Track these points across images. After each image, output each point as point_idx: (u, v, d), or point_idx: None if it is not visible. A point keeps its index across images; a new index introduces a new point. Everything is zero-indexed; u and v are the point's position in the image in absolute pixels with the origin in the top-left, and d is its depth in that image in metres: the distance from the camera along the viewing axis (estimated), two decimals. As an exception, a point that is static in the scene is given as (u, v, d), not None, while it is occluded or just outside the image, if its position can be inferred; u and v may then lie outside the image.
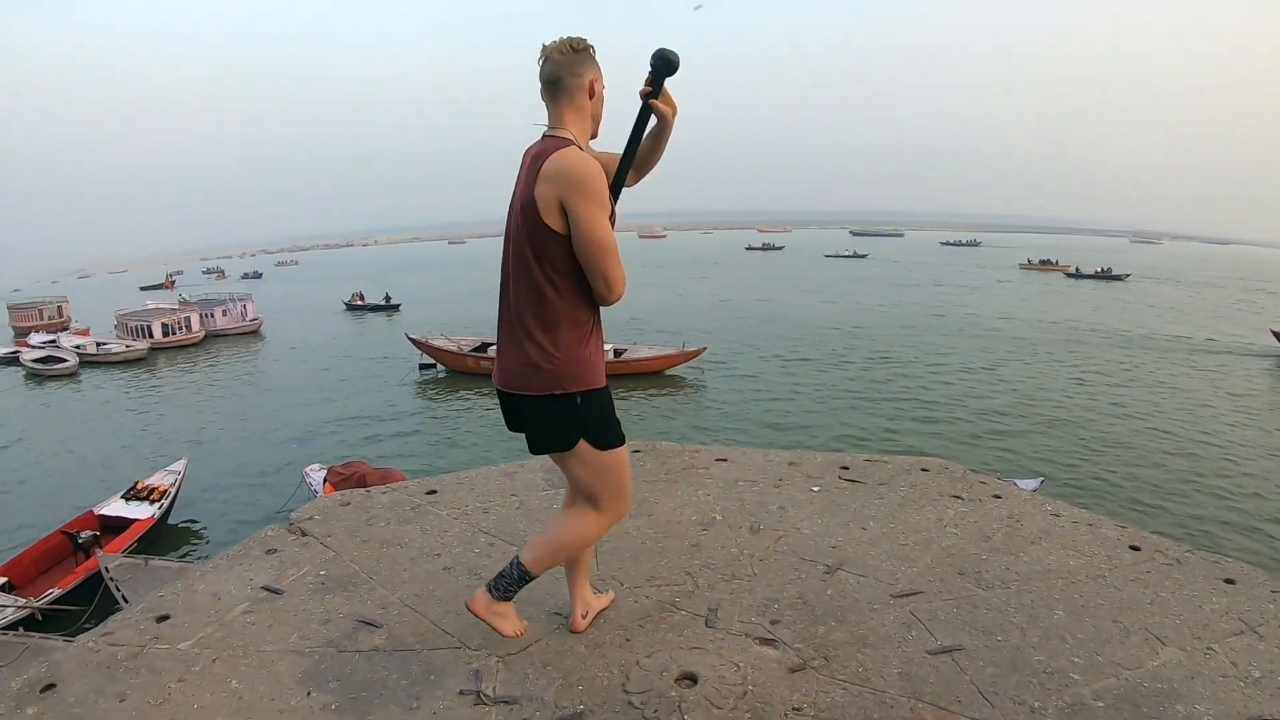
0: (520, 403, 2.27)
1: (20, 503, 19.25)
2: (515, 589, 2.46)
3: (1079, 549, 3.07)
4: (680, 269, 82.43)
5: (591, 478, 2.34)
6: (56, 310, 62.12)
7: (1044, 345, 32.13)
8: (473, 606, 2.47)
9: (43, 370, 37.17)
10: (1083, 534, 3.21)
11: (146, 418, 27.17)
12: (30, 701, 2.35)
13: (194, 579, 3.18)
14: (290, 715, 2.24)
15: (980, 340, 33.51)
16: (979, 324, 38.49)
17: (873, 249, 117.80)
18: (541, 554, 2.41)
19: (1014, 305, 46.69)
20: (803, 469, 4.05)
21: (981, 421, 21.03)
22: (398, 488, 4.12)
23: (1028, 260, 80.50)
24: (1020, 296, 52.31)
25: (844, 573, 2.93)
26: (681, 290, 57.52)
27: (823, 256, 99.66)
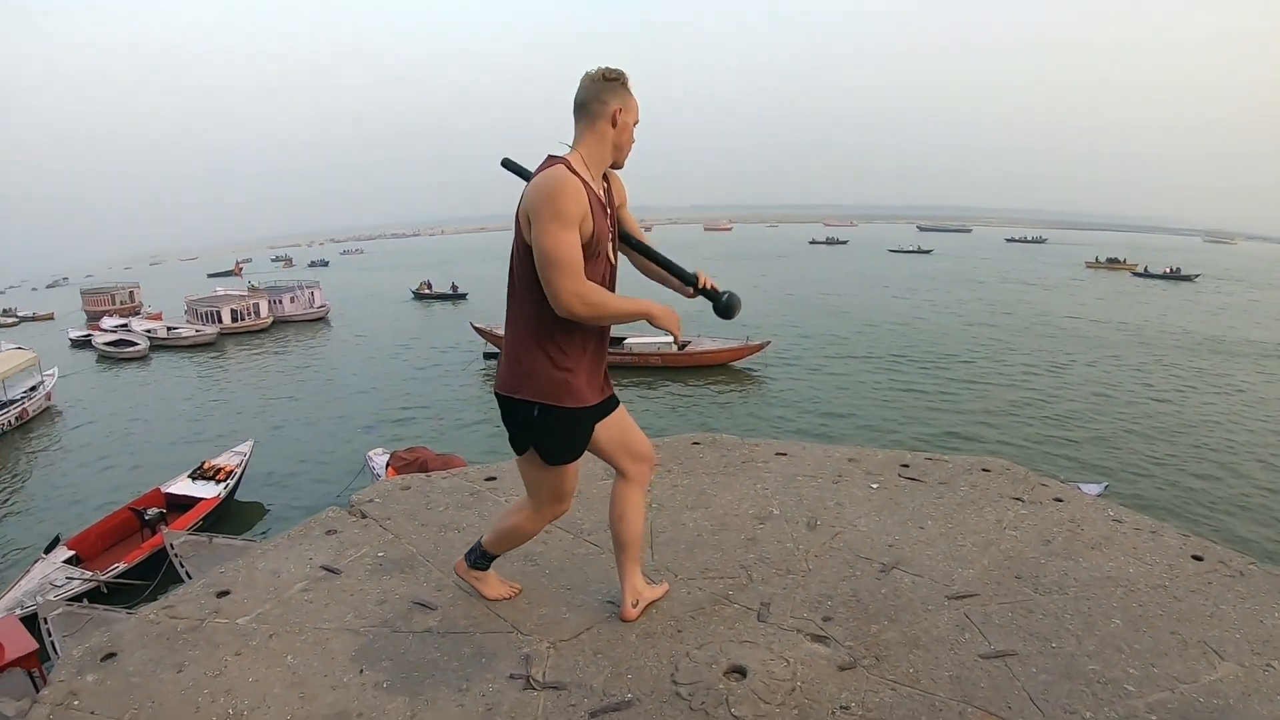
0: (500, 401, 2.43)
1: (90, 480, 19.94)
2: (484, 562, 2.76)
3: (1140, 557, 2.98)
4: (745, 262, 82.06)
5: (531, 480, 2.54)
6: (128, 295, 64.11)
7: (1111, 346, 31.11)
8: (457, 569, 2.83)
9: (114, 353, 38.36)
10: (1144, 541, 3.12)
11: (214, 400, 27.90)
12: (91, 669, 2.44)
13: (255, 557, 3.26)
14: (343, 692, 2.29)
15: (1046, 339, 32.59)
16: (1046, 323, 37.43)
17: (938, 245, 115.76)
18: (492, 536, 2.70)
19: (1080, 304, 45.34)
20: (863, 466, 4.00)
21: (1046, 423, 20.49)
22: (458, 473, 4.16)
23: (1095, 259, 78.32)
24: (1087, 296, 50.76)
25: (899, 572, 2.89)
26: (746, 283, 57.27)
27: (886, 251, 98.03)
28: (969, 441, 18.65)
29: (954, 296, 48.72)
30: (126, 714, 2.21)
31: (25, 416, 25.81)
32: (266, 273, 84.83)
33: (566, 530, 3.34)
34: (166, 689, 2.33)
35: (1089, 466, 16.82)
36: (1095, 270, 73.03)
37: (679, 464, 4.07)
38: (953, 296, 48.69)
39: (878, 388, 24.57)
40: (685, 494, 3.67)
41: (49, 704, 2.29)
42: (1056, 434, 19.52)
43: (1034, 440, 18.93)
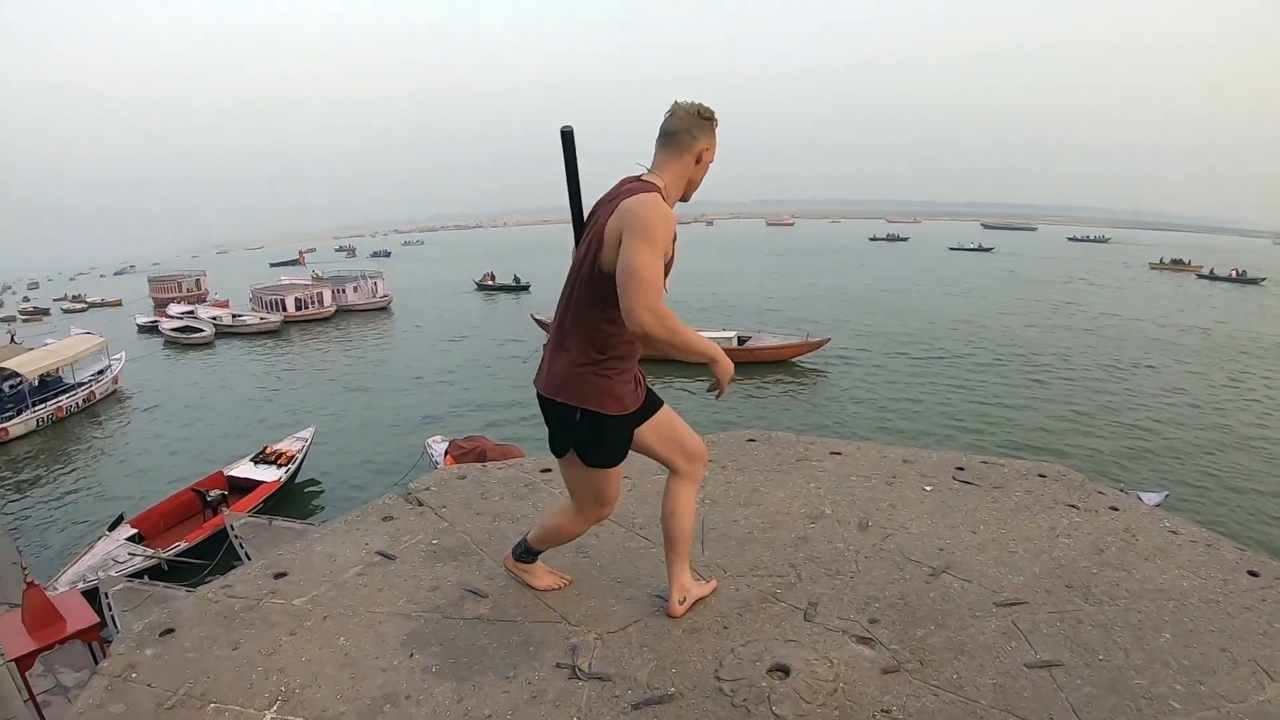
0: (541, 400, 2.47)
1: (154, 461, 20.53)
2: (529, 556, 2.83)
3: (1194, 570, 2.91)
4: (805, 258, 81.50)
5: (573, 483, 2.58)
6: (195, 283, 65.85)
7: (1175, 350, 30.06)
8: (505, 563, 2.92)
9: (180, 339, 39.41)
10: (1200, 554, 3.04)
11: (277, 386, 28.51)
12: (150, 644, 2.56)
13: (313, 540, 3.36)
14: (392, 674, 2.36)
15: (1110, 341, 31.56)
16: (1109, 324, 36.26)
17: (1002, 243, 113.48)
18: (538, 534, 2.77)
19: (1144, 306, 43.81)
20: (917, 467, 3.97)
21: (1107, 427, 19.92)
22: (514, 464, 4.22)
23: (1159, 259, 76.07)
24: (1151, 297, 49.14)
25: (949, 576, 2.87)
26: (805, 279, 56.79)
27: (947, 249, 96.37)
28: (1027, 445, 18.25)
29: (1015, 296, 47.55)
30: (182, 688, 2.30)
31: (93, 399, 26.65)
32: (329, 263, 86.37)
33: (619, 524, 3.38)
34: (221, 665, 2.42)
35: (1150, 474, 16.37)
36: (1159, 271, 70.92)
37: (733, 461, 4.08)
38: (1014, 296, 47.53)
39: (937, 388, 24.12)
40: (738, 491, 3.67)
41: (108, 675, 2.39)
42: (1117, 439, 18.98)
43: (1094, 445, 18.43)
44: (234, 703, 2.24)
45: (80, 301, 72.37)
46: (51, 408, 24.67)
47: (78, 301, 72.33)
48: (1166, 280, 62.61)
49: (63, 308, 69.20)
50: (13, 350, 26.34)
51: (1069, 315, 39.34)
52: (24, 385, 24.11)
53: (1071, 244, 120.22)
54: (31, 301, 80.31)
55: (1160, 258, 76.66)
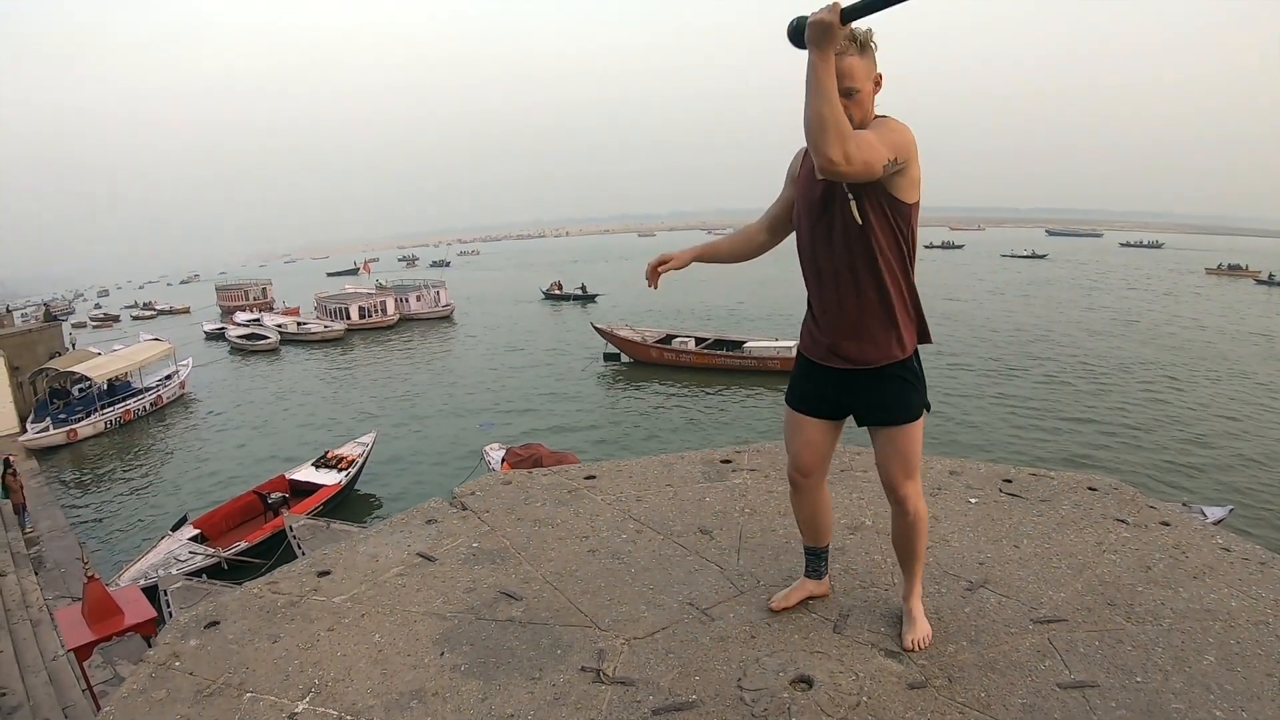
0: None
1: (219, 464, 21.12)
2: None
3: (1245, 589, 2.78)
4: None
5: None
6: (261, 291, 67.68)
7: (1236, 360, 29.01)
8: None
9: (246, 346, 40.52)
10: (1251, 573, 2.90)
11: (340, 393, 29.15)
12: (194, 634, 2.67)
13: (357, 541, 3.46)
14: (422, 671, 2.42)
15: (1167, 351, 30.67)
16: (1166, 333, 35.08)
17: (1065, 249, 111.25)
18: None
19: (1202, 313, 42.41)
20: (963, 478, 3.89)
21: (1167, 439, 19.35)
22: (559, 471, 4.25)
23: (1218, 265, 73.46)
24: (1208, 304, 47.29)
25: (986, 591, 2.80)
26: None
27: (999, 256, 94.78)
28: (1085, 456, 17.73)
29: (1068, 304, 46.53)
30: (221, 677, 2.40)
31: (160, 403, 27.54)
32: (391, 272, 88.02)
33: (657, 530, 3.38)
34: (261, 656, 2.51)
35: (1214, 488, 15.77)
36: (1217, 277, 68.58)
37: (776, 470, 4.03)
38: (1067, 304, 46.52)
39: (990, 398, 23.63)
40: (779, 499, 3.63)
41: (153, 663, 2.51)
42: (1178, 452, 18.40)
43: (1153, 458, 17.88)
44: (269, 693, 2.32)
45: (150, 309, 74.70)
46: (119, 410, 25.54)
47: (147, 309, 74.69)
48: (1224, 286, 60.54)
49: (132, 315, 71.62)
50: (82, 355, 27.32)
51: (1126, 323, 38.35)
52: (93, 389, 24.94)
53: (1124, 250, 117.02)
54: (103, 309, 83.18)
55: (1219, 264, 74.16)
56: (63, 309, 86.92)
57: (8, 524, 15.29)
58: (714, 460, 4.21)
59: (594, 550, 3.22)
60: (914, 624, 2.46)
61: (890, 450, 2.35)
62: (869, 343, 2.27)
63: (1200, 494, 14.98)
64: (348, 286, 59.74)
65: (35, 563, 14.10)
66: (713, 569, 3.01)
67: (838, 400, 2.40)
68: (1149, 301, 48.70)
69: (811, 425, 2.45)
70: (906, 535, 2.46)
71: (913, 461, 2.37)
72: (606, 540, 3.31)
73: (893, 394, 2.31)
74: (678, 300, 46.10)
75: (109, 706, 2.31)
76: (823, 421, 2.45)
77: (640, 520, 3.50)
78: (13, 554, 13.91)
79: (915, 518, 2.41)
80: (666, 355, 28.98)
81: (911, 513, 2.40)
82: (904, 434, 2.33)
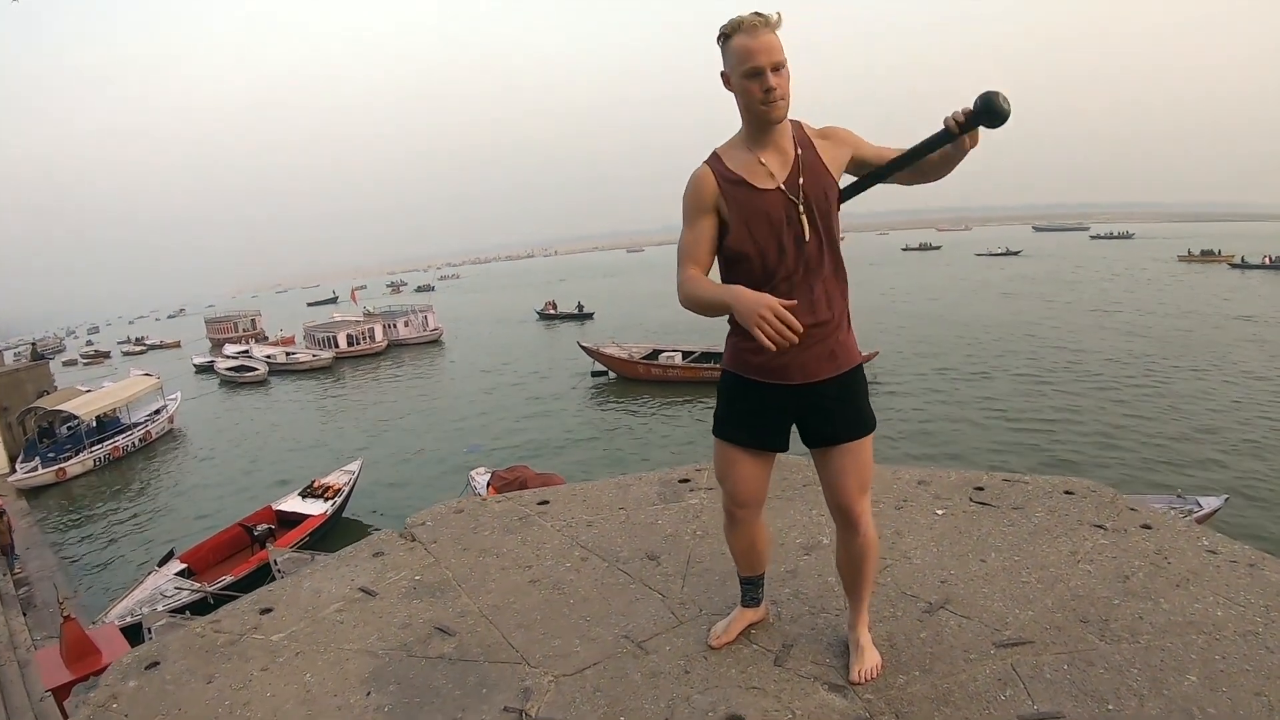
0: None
1: (207, 498, 21.00)
2: None
3: (1232, 596, 2.56)
4: None
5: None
6: (250, 323, 67.94)
7: (1220, 346, 28.68)
8: None
9: (235, 378, 40.53)
10: (1240, 577, 2.68)
11: (328, 421, 29.04)
12: (134, 675, 2.61)
13: (304, 576, 3.35)
14: (346, 712, 2.32)
15: (1147, 342, 30.34)
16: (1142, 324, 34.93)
17: (1040, 245, 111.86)
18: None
19: (1175, 300, 42.30)
20: (932, 488, 3.67)
21: (1158, 431, 19.03)
22: (513, 497, 4.10)
23: (1187, 251, 73.54)
24: (1182, 291, 47.13)
25: (946, 612, 2.59)
26: None
27: (974, 256, 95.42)
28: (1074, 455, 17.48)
29: (1041, 299, 46.46)
30: (155, 719, 2.36)
31: (149, 438, 27.44)
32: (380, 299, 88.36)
33: (602, 557, 3.21)
34: (194, 698, 2.47)
35: (1208, 477, 15.48)
36: (1189, 264, 68.66)
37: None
38: (1040, 299, 46.45)
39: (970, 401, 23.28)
40: (734, 520, 3.46)
41: (92, 705, 2.47)
42: (1169, 443, 18.10)
43: (1144, 453, 17.60)
44: None
45: (140, 344, 74.85)
46: (108, 447, 25.45)
47: (138, 344, 74.85)
48: (1196, 272, 60.67)
49: (123, 350, 71.70)
50: (70, 393, 27.23)
51: (1104, 315, 38.15)
52: (81, 426, 24.79)
53: (1096, 242, 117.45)
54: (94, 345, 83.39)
55: (1189, 250, 74.36)
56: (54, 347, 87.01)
57: (-6, 566, 15.19)
58: (671, 480, 4.03)
59: (535, 580, 3.06)
60: (862, 654, 2.27)
61: (850, 465, 2.18)
62: (837, 352, 2.14)
63: (1194, 484, 14.67)
64: (336, 315, 59.83)
65: (24, 603, 14.02)
66: (655, 598, 2.84)
67: (781, 425, 2.21)
68: (1126, 291, 48.56)
69: (746, 459, 2.26)
70: (859, 559, 2.27)
71: (868, 476, 2.23)
72: (550, 569, 3.15)
73: (851, 404, 2.16)
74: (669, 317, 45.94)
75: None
76: (759, 454, 2.26)
77: (587, 547, 3.33)
78: (0, 595, 13.80)
79: (869, 538, 2.24)
80: (654, 370, 28.97)
81: (864, 532, 2.23)
82: (862, 447, 2.19)
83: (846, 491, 2.19)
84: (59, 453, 24.15)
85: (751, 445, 2.24)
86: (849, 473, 2.18)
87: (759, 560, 2.47)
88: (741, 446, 2.25)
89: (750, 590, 2.52)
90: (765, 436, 2.23)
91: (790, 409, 2.17)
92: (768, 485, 2.35)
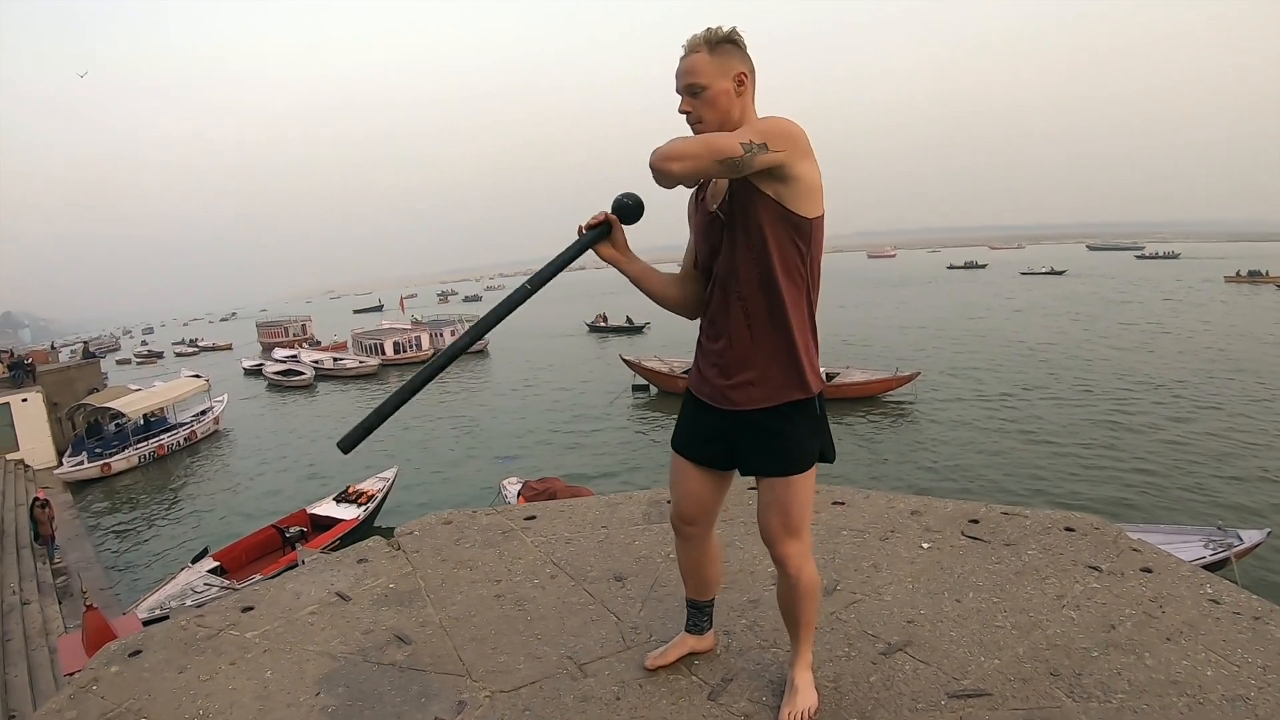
0: None
1: (247, 498, 21.37)
2: None
3: (1227, 654, 2.32)
4: (884, 290, 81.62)
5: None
6: (300, 328, 69.19)
7: (1266, 372, 27.62)
8: None
9: (282, 381, 41.36)
10: (1241, 632, 2.43)
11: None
12: (117, 662, 2.74)
13: (289, 577, 3.41)
14: (295, 710, 2.37)
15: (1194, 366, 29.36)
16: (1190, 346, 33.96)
17: (1090, 264, 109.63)
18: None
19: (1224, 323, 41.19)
20: (924, 519, 3.51)
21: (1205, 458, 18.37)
22: (502, 510, 4.08)
23: (1235, 273, 71.24)
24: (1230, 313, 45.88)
25: (905, 655, 2.43)
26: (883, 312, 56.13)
27: (1018, 274, 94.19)
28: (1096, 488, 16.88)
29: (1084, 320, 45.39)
30: (125, 702, 2.47)
31: (194, 438, 28.05)
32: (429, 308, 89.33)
33: (571, 576, 3.16)
34: (163, 686, 2.56)
35: (1249, 514, 14.75)
36: (1236, 285, 66.61)
37: (724, 509, 3.78)
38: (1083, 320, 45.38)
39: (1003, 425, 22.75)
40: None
41: (75, 686, 2.61)
42: (1214, 471, 17.43)
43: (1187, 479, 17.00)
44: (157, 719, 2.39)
45: (193, 345, 76.68)
46: (153, 445, 26.04)
47: (191, 346, 76.67)
48: (1244, 294, 58.98)
49: (176, 351, 73.48)
50: (118, 391, 28.02)
51: (1151, 338, 37.15)
52: (127, 424, 25.40)
53: (1141, 262, 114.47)
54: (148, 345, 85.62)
55: (1237, 271, 72.14)
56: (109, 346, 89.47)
57: (36, 555, 15.57)
58: (660, 500, 3.96)
59: (500, 595, 3.03)
60: (795, 694, 2.15)
61: (772, 503, 2.09)
62: (761, 382, 2.02)
63: (1237, 515, 14.11)
64: (385, 323, 60.73)
65: (60, 592, 14.41)
66: (610, 620, 2.78)
67: (727, 447, 2.14)
68: (1171, 314, 47.28)
69: (694, 474, 2.21)
70: (789, 599, 2.16)
71: (795, 517, 2.09)
72: (517, 585, 3.12)
73: (778, 439, 2.04)
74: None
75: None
76: (708, 471, 2.20)
77: (559, 564, 3.29)
78: (39, 583, 14.23)
79: (797, 581, 2.12)
80: None
81: (793, 575, 2.11)
82: (787, 486, 2.06)
83: (768, 529, 2.11)
84: (105, 448, 24.83)
85: (696, 460, 2.20)
86: (772, 510, 2.09)
87: (705, 585, 2.39)
88: (688, 460, 2.21)
89: (695, 615, 2.44)
90: (709, 456, 2.18)
91: (727, 433, 2.11)
92: (716, 506, 2.28)
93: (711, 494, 2.24)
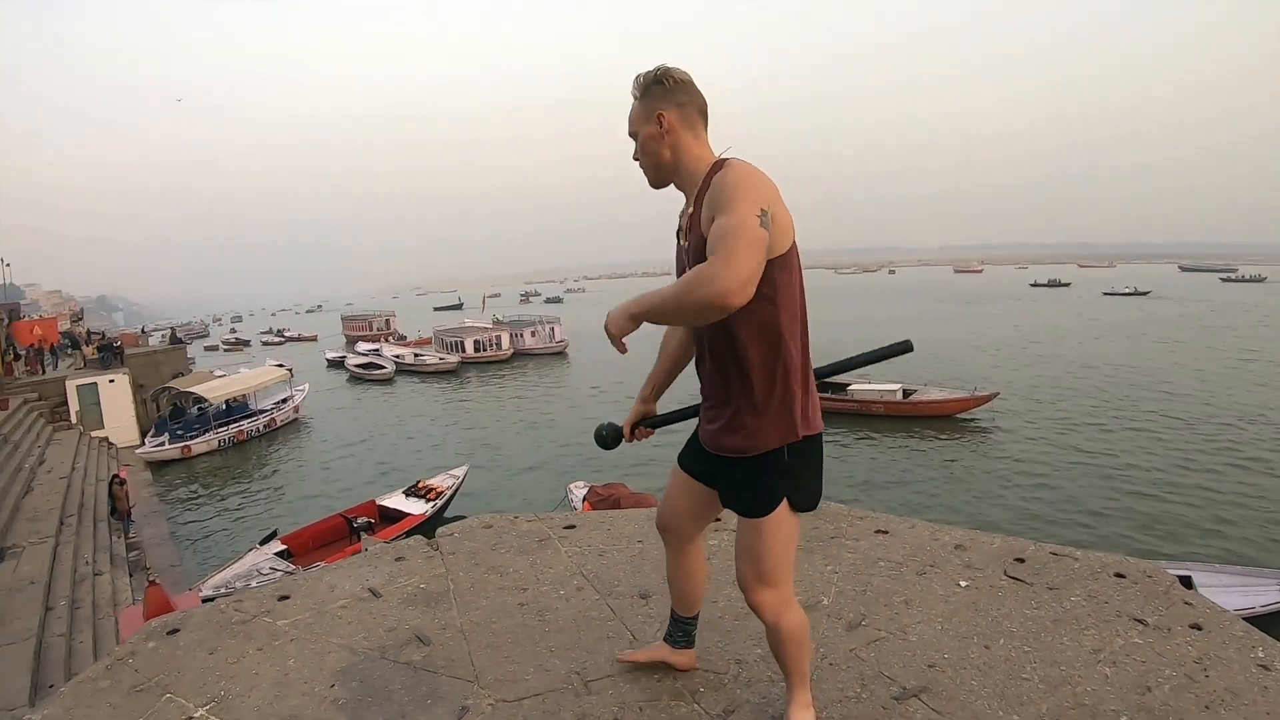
0: None
1: (319, 485, 21.89)
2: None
3: None
4: (966, 305, 79.82)
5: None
6: (384, 323, 70.71)
7: None
8: None
9: (363, 375, 42.34)
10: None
11: (445, 423, 29.86)
12: (156, 638, 2.89)
13: (327, 570, 3.52)
14: (309, 699, 2.44)
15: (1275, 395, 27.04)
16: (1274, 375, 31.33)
17: (1169, 286, 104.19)
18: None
19: None
20: (967, 555, 3.31)
21: None
22: (543, 518, 4.09)
23: None
24: None
25: (918, 702, 2.27)
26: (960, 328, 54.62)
27: (1100, 294, 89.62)
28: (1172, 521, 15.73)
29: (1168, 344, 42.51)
30: (156, 677, 2.59)
31: (273, 425, 28.96)
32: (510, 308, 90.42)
33: (597, 589, 3.15)
34: (194, 664, 2.68)
35: None
36: None
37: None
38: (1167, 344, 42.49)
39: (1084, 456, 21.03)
40: (740, 570, 3.30)
41: (112, 657, 2.75)
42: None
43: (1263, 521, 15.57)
44: (182, 696, 2.47)
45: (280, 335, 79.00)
46: (233, 430, 26.93)
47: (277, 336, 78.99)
48: None
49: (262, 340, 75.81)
50: (202, 377, 29.15)
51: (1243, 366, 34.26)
52: (209, 408, 26.34)
53: (1226, 285, 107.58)
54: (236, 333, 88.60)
55: None
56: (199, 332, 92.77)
57: (111, 529, 16.15)
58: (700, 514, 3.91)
59: (524, 604, 3.04)
60: None
61: (741, 545, 2.03)
62: (729, 431, 1.96)
63: None
64: (467, 321, 61.50)
65: (132, 565, 14.87)
66: (626, 638, 2.75)
67: (711, 469, 2.10)
68: (1265, 339, 43.71)
69: (681, 482, 2.20)
70: (772, 645, 2.08)
71: (767, 565, 1.97)
72: (542, 594, 3.12)
73: (745, 476, 1.97)
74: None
75: (64, 687, 2.55)
76: (693, 485, 2.17)
77: (588, 576, 3.28)
78: (111, 556, 14.71)
79: (776, 629, 2.02)
80: None
81: (770, 623, 2.02)
82: (756, 531, 1.97)
83: (740, 576, 2.04)
84: (187, 431, 25.79)
85: (686, 470, 2.21)
86: (743, 557, 2.02)
87: (685, 599, 2.36)
88: (680, 467, 2.23)
89: (675, 629, 2.41)
90: (696, 470, 2.18)
91: (714, 461, 2.07)
92: (693, 522, 2.27)
93: (689, 506, 2.21)
